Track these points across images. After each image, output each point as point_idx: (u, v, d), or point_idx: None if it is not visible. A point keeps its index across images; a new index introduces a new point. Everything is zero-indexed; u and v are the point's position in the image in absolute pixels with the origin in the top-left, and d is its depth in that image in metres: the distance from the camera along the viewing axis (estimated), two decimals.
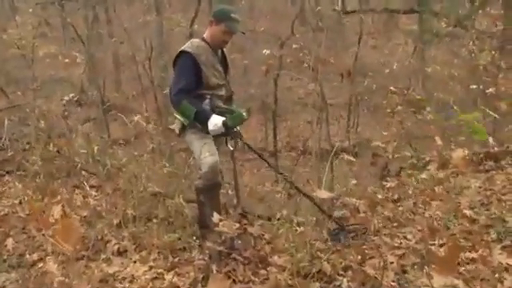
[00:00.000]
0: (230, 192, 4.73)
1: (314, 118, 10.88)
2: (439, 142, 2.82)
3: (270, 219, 3.73)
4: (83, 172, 4.55)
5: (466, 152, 2.19)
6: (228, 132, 3.25)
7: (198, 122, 3.20)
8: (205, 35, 3.40)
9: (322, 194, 2.42)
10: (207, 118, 3.16)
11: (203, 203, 3.37)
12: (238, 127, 3.43)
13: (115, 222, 3.49)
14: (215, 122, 3.15)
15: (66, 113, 5.16)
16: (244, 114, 3.30)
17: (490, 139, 3.94)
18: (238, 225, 2.71)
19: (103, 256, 3.03)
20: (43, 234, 3.14)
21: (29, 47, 12.15)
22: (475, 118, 1.95)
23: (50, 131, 4.78)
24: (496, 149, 4.44)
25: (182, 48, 3.31)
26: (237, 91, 3.72)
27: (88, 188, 4.27)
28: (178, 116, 3.36)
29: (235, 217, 3.70)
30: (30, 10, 13.35)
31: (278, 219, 3.40)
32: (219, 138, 3.40)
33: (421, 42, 11.82)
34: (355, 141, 12.26)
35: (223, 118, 3.17)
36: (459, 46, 7.62)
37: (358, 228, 3.26)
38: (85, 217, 3.76)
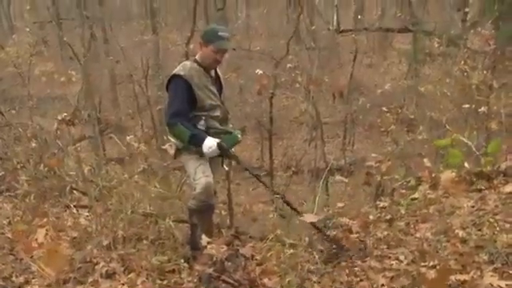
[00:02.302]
0: (223, 212, 4.72)
1: (309, 137, 10.92)
2: (428, 163, 2.82)
3: (262, 240, 3.70)
4: (75, 192, 4.52)
5: (454, 174, 2.19)
6: (223, 154, 3.26)
7: (193, 145, 3.21)
8: (196, 57, 3.43)
9: (309, 217, 2.41)
10: (202, 141, 3.17)
11: (195, 224, 3.36)
12: (233, 148, 3.44)
13: (105, 243, 3.45)
14: (210, 144, 3.17)
15: (59, 132, 5.13)
16: (238, 135, 3.35)
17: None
18: (226, 247, 2.68)
19: (91, 279, 2.98)
20: (32, 256, 3.10)
21: (25, 65, 12.22)
22: (448, 144, 1.97)
23: (41, 151, 4.75)
24: (488, 168, 4.43)
25: (174, 71, 3.33)
26: (232, 110, 3.75)
27: (79, 208, 4.24)
28: (172, 139, 3.37)
29: (228, 238, 3.69)
30: (28, 29, 13.44)
31: (271, 240, 3.37)
32: (215, 158, 3.40)
33: (414, 61, 11.94)
34: (351, 159, 12.27)
35: (218, 140, 3.19)
36: (452, 65, 7.68)
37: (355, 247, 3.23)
38: (75, 238, 3.73)
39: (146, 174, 4.32)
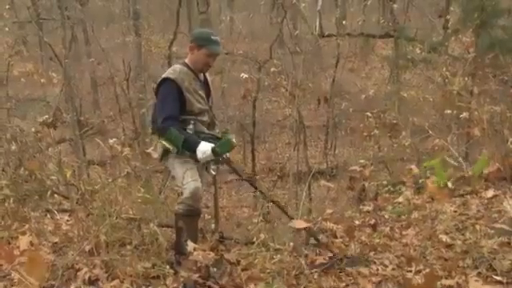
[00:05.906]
0: (206, 216, 4.67)
1: (292, 141, 10.95)
2: (415, 170, 2.84)
3: (247, 245, 3.68)
4: (56, 196, 4.43)
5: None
6: (217, 159, 3.22)
7: (187, 149, 3.16)
8: (186, 60, 3.39)
9: (299, 223, 2.40)
10: (196, 146, 3.13)
11: (181, 229, 3.31)
12: (228, 154, 3.40)
13: (87, 248, 3.38)
14: (204, 149, 3.13)
15: (40, 134, 5.02)
16: (234, 140, 3.27)
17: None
18: (212, 253, 2.65)
19: (73, 285, 2.92)
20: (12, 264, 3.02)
21: (4, 66, 11.97)
22: (437, 164, 1.99)
23: (21, 153, 4.64)
24: (470, 173, 4.49)
25: (165, 75, 3.28)
26: (215, 113, 3.72)
27: (60, 213, 4.15)
28: (164, 142, 3.27)
29: (213, 243, 3.65)
30: (7, 29, 13.17)
31: (256, 245, 3.35)
32: (200, 163, 3.36)
33: (396, 66, 12.08)
34: (333, 163, 12.35)
35: (212, 145, 3.14)
36: (433, 71, 7.80)
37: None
38: (56, 243, 3.65)
39: (129, 178, 4.25)
